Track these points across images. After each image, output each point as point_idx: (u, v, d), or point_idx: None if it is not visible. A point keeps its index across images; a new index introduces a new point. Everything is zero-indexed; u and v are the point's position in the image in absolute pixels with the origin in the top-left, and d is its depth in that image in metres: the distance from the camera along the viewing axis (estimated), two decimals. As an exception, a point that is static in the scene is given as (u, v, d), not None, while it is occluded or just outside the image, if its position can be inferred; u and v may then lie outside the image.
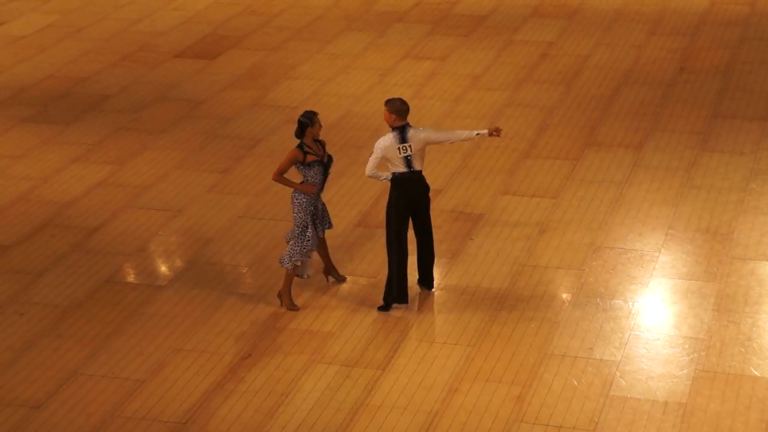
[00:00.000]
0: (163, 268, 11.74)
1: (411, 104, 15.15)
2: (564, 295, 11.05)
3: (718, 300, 10.89)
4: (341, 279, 11.24)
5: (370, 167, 10.67)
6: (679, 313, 10.75)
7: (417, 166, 10.61)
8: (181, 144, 14.21)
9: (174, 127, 14.65)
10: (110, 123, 14.77)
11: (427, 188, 10.77)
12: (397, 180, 10.62)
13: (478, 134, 10.79)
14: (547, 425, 9.36)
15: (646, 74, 15.83)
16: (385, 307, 10.81)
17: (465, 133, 10.81)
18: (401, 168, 10.59)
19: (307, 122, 10.75)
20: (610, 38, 17.06)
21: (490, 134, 10.79)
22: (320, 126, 10.85)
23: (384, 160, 10.64)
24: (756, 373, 9.92)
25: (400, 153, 10.55)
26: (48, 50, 17.03)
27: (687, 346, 10.27)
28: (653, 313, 10.79)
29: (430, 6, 18.39)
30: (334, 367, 10.09)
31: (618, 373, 9.93)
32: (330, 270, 11.22)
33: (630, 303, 10.90)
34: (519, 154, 13.72)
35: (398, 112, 10.58)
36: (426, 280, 11.06)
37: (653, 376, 9.90)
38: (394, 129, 10.59)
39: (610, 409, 9.52)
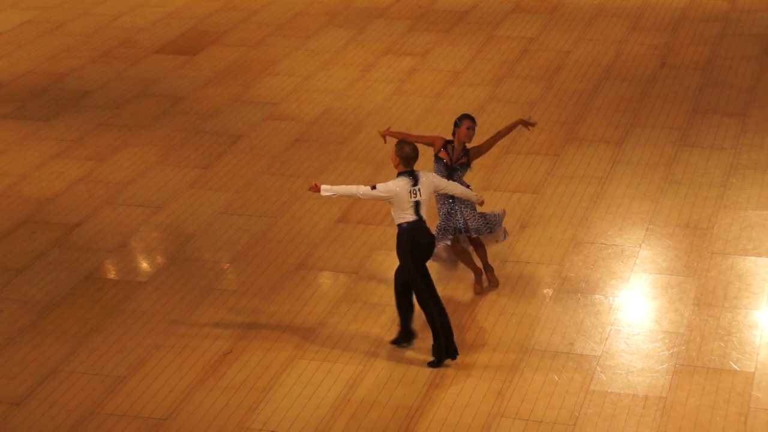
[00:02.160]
0: (144, 265, 11.72)
1: (392, 100, 15.15)
2: (545, 290, 11.07)
3: (698, 295, 10.92)
4: (494, 283, 10.98)
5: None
6: (659, 308, 10.79)
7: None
8: (161, 140, 14.18)
9: (155, 123, 14.61)
10: (90, 119, 14.73)
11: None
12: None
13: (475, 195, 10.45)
14: (528, 420, 9.38)
15: (627, 70, 15.86)
16: (437, 363, 10.01)
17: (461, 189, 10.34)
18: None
19: (456, 123, 10.70)
20: (591, 34, 17.09)
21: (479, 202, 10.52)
22: (469, 131, 10.57)
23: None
24: (735, 367, 9.96)
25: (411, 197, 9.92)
26: (27, 46, 16.96)
27: (667, 340, 10.31)
28: (634, 308, 10.82)
29: (410, 2, 18.39)
30: (315, 363, 10.08)
31: (598, 368, 9.96)
32: (486, 270, 10.99)
33: (610, 298, 10.92)
34: (500, 150, 13.73)
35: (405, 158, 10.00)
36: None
37: (633, 370, 9.93)
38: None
39: (591, 404, 9.55)
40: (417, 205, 9.86)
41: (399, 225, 9.93)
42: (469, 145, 10.81)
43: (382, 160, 13.56)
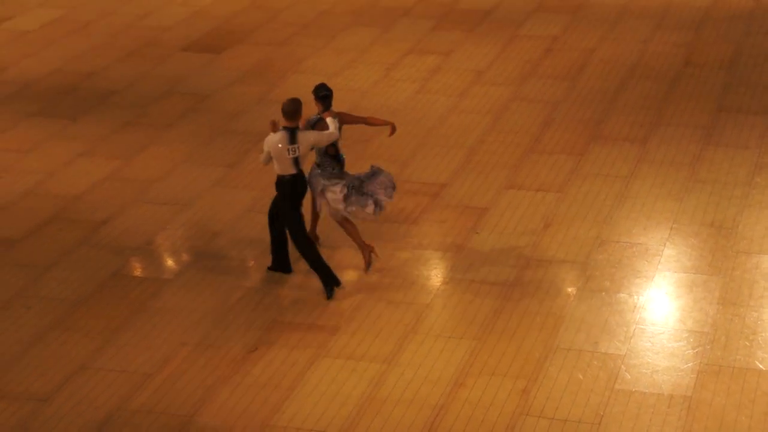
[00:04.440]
0: (170, 262, 11.80)
1: (416, 99, 15.17)
2: (569, 289, 11.09)
3: (723, 294, 10.92)
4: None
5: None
6: (684, 307, 10.79)
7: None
8: (187, 138, 14.26)
9: (180, 122, 14.69)
10: (117, 118, 14.82)
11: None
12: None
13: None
14: (553, 419, 9.41)
15: (651, 68, 15.85)
16: (330, 293, 10.99)
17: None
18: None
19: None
20: (615, 33, 17.08)
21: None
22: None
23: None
24: (761, 366, 9.95)
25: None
26: (54, 45, 17.08)
27: (692, 339, 10.31)
28: (658, 306, 10.83)
29: (434, 1, 18.42)
30: (339, 361, 10.14)
31: (623, 367, 9.97)
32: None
33: (635, 297, 10.93)
34: (524, 149, 13.76)
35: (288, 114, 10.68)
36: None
37: (658, 369, 9.94)
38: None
39: (616, 403, 9.56)
40: (296, 161, 10.75)
41: (281, 176, 10.80)
42: (336, 111, 11.25)
43: (407, 158, 13.61)
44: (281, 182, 10.85)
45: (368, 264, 11.30)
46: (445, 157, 13.63)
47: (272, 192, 13.22)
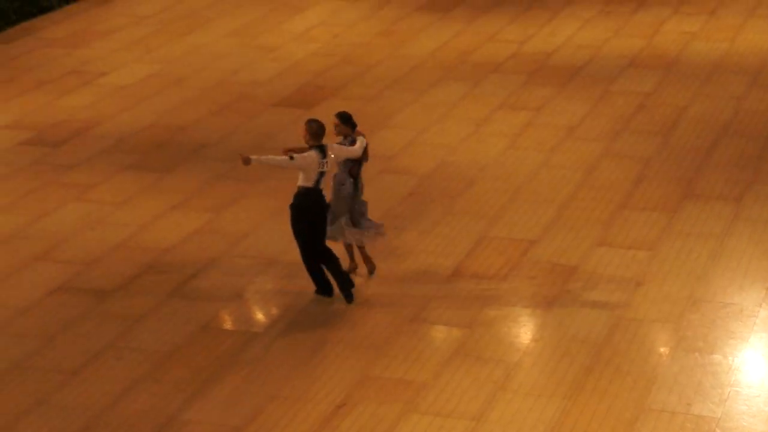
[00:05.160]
0: (260, 315, 11.84)
1: (506, 154, 15.12)
2: (661, 349, 10.90)
3: (821, 356, 10.65)
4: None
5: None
6: (780, 369, 10.54)
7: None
8: (277, 192, 14.35)
9: (271, 176, 14.80)
10: (208, 171, 14.99)
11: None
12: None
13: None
14: (644, 481, 9.22)
15: (746, 126, 15.64)
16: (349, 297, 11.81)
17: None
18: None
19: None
20: (709, 89, 16.90)
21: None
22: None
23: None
24: None
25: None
26: (149, 99, 17.37)
27: (789, 403, 10.06)
28: (754, 369, 10.58)
29: (525, 57, 18.41)
30: (428, 417, 10.05)
31: (718, 430, 9.75)
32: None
33: (730, 358, 10.71)
34: (615, 205, 13.62)
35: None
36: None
37: (754, 433, 9.71)
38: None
39: (709, 466, 9.35)
40: (321, 175, 11.61)
41: (301, 187, 11.63)
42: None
43: (496, 213, 13.55)
44: (299, 192, 11.69)
45: (356, 271, 12.21)
46: (535, 213, 13.54)
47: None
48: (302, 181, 11.64)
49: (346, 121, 12.08)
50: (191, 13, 21.05)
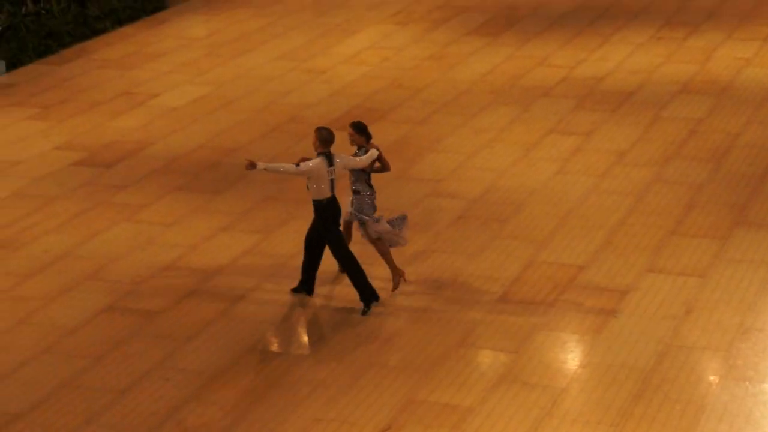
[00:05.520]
0: (306, 337, 11.84)
1: (555, 179, 15.05)
2: (711, 377, 10.78)
3: None
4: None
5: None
6: (832, 400, 10.39)
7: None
8: (326, 215, 14.37)
9: (320, 198, 14.83)
10: (258, 192, 15.05)
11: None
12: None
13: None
14: None
15: (799, 152, 15.48)
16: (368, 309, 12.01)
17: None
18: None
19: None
20: (762, 116, 16.75)
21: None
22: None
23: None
24: None
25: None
26: (200, 121, 17.49)
27: (841, 434, 9.91)
28: (805, 398, 10.45)
29: (576, 81, 18.36)
30: (473, 443, 10.00)
31: (767, 460, 9.62)
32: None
33: (780, 387, 10.58)
34: (665, 231, 13.52)
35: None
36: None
37: (805, 464, 9.56)
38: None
39: (759, 497, 9.22)
40: (332, 183, 11.75)
41: (318, 201, 11.82)
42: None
43: (545, 238, 13.49)
44: (319, 206, 11.89)
45: (396, 286, 12.17)
46: (584, 238, 13.46)
47: (407, 269, 13.16)
48: (316, 194, 11.81)
49: (360, 131, 12.15)
50: (241, 36, 21.20)
